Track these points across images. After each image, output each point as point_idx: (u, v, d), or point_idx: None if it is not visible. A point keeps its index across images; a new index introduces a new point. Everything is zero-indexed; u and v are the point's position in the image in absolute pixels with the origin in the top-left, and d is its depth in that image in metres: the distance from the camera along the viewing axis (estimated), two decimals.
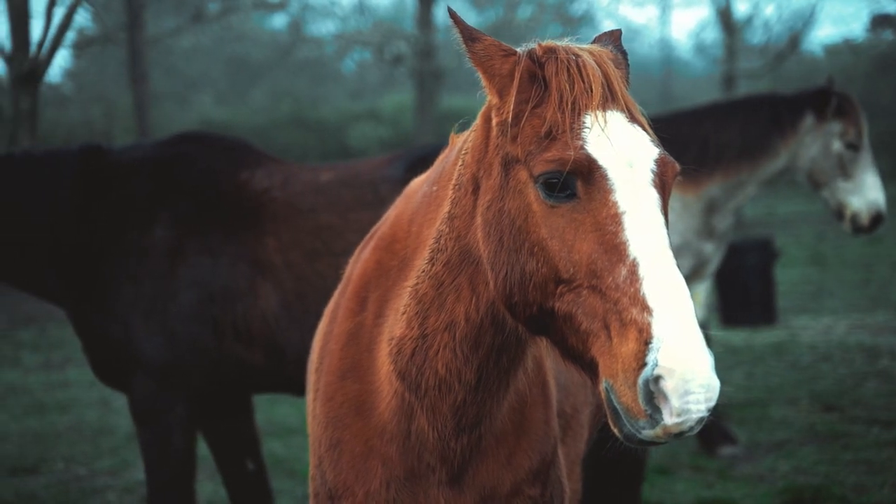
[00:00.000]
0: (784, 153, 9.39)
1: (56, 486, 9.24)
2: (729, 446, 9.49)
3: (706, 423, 8.20)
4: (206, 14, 25.97)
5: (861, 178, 9.21)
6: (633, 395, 2.82)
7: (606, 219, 2.97)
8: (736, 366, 13.29)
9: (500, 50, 3.21)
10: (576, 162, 2.98)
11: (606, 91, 3.10)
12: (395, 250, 3.64)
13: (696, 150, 9.37)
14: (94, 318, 6.73)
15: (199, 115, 36.77)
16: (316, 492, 3.75)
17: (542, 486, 3.64)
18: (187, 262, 6.66)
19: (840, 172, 9.22)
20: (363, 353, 3.64)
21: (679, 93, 46.85)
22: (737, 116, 9.59)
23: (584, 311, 2.96)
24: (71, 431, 11.12)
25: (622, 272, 2.91)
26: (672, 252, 2.96)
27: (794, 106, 9.41)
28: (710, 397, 2.80)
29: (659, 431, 2.83)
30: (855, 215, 9.20)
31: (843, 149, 9.21)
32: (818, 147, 9.28)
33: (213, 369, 6.70)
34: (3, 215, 6.79)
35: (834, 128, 9.23)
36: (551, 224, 3.03)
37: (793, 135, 9.34)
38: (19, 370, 14.62)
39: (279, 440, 9.99)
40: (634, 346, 2.83)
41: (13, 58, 20.42)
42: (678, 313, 2.83)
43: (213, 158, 7.06)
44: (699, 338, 2.81)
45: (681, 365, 2.77)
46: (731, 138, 9.45)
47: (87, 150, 7.02)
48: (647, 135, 3.13)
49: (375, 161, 7.08)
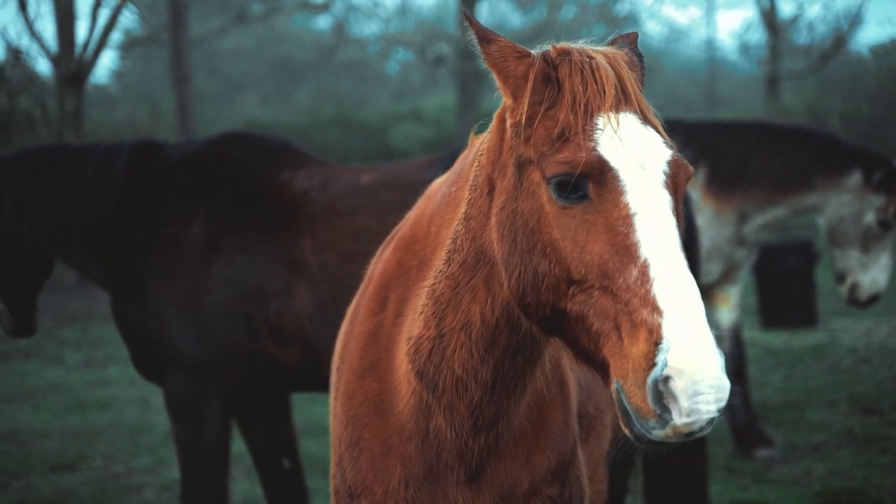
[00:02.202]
0: (818, 196, 9.25)
1: (94, 483, 9.34)
2: (765, 448, 9.44)
3: (744, 425, 8.09)
4: (248, 15, 26.13)
5: (876, 257, 9.15)
6: (643, 396, 2.83)
7: (618, 220, 2.98)
8: (775, 368, 13.22)
9: (514, 51, 3.22)
10: (587, 164, 2.99)
11: (619, 93, 3.11)
12: (415, 250, 3.66)
13: (732, 164, 9.31)
14: (132, 311, 6.84)
15: (243, 115, 36.93)
16: (336, 489, 3.77)
17: (560, 485, 3.64)
18: (222, 260, 6.73)
19: (860, 243, 9.12)
20: (382, 352, 3.66)
21: (723, 94, 46.62)
22: (782, 143, 9.41)
23: (596, 311, 2.98)
24: (110, 429, 11.22)
25: (633, 273, 2.92)
26: (683, 253, 2.97)
27: (847, 157, 9.22)
28: (720, 398, 2.81)
29: (669, 431, 2.84)
30: (856, 287, 9.17)
31: (874, 223, 9.08)
32: (852, 210, 9.13)
33: (247, 366, 6.76)
34: (56, 201, 6.97)
35: (876, 200, 9.06)
36: (563, 225, 3.04)
37: (835, 184, 9.16)
38: (62, 368, 14.76)
39: (316, 439, 10.03)
40: (644, 347, 2.84)
41: (59, 59, 20.71)
42: (688, 314, 2.84)
43: (256, 158, 7.13)
44: (709, 339, 2.82)
45: (690, 366, 2.77)
46: (771, 163, 9.32)
47: (142, 145, 7.18)
48: (660, 136, 3.13)
49: (416, 163, 7.09)
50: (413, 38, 27.84)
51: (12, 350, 16.04)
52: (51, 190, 7.00)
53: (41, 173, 7.04)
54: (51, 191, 7.00)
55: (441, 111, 35.27)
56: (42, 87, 20.92)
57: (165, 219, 6.89)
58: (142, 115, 33.08)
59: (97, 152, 7.12)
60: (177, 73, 24.79)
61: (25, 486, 9.32)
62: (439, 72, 29.49)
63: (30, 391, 13.24)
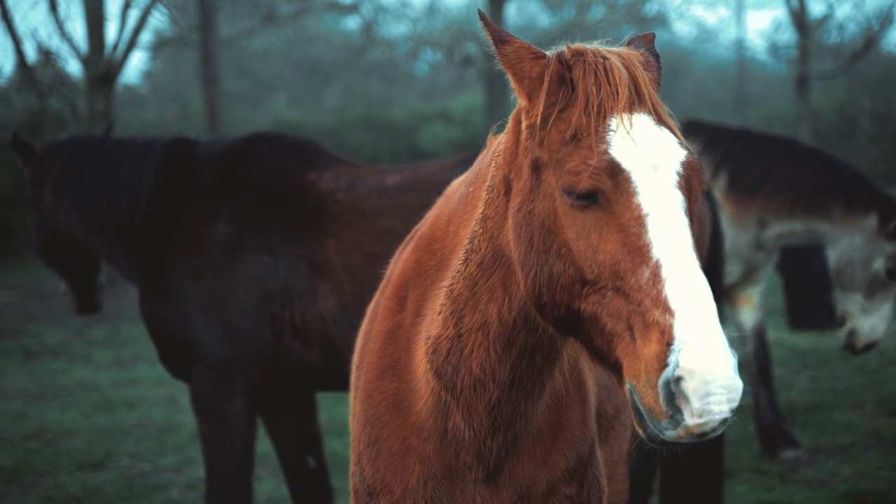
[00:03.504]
0: (831, 228, 9.13)
1: (121, 482, 9.40)
2: (791, 450, 9.40)
3: (770, 426, 8.03)
4: (277, 16, 26.19)
5: (879, 304, 9.07)
6: (655, 396, 2.85)
7: (630, 221, 2.99)
8: (802, 369, 13.17)
9: (530, 52, 3.23)
10: (594, 172, 3.01)
11: (633, 93, 3.11)
12: (434, 250, 3.67)
13: (756, 173, 9.26)
14: (158, 308, 6.91)
15: (272, 116, 37.03)
16: (355, 488, 3.79)
17: (578, 485, 3.65)
18: (247, 259, 6.78)
19: (865, 288, 9.03)
20: (401, 351, 3.68)
21: (753, 94, 46.38)
22: (809, 163, 9.30)
23: (609, 312, 2.99)
24: (137, 428, 11.28)
25: (645, 274, 2.93)
26: (695, 253, 2.97)
27: (868, 198, 9.10)
28: (732, 398, 2.81)
29: (681, 432, 2.85)
30: (854, 332, 9.11)
31: (882, 271, 8.98)
32: (862, 254, 9.02)
33: (271, 365, 6.80)
34: (90, 195, 7.06)
35: (888, 248, 8.94)
36: (577, 226, 3.05)
37: (851, 222, 9.05)
38: (91, 367, 14.84)
39: (341, 439, 10.05)
40: (657, 348, 2.85)
41: (89, 60, 20.82)
42: (700, 315, 2.85)
43: (283, 158, 7.18)
44: (721, 339, 2.83)
45: (701, 366, 2.78)
46: (794, 178, 9.22)
47: (176, 141, 7.27)
48: (674, 137, 3.13)
49: (442, 164, 7.10)
50: (441, 39, 27.82)
51: (42, 349, 16.16)
52: (86, 184, 7.11)
53: (80, 166, 7.16)
54: (86, 184, 7.11)
55: (469, 112, 35.25)
56: (72, 87, 21.01)
57: (192, 217, 6.96)
58: (171, 115, 33.25)
59: (133, 147, 7.23)
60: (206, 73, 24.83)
61: (53, 484, 9.39)
62: (467, 72, 29.46)
63: (59, 390, 13.32)
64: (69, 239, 7.27)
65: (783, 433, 9.47)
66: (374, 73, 43.60)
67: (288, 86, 46.66)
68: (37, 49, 20.41)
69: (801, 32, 23.95)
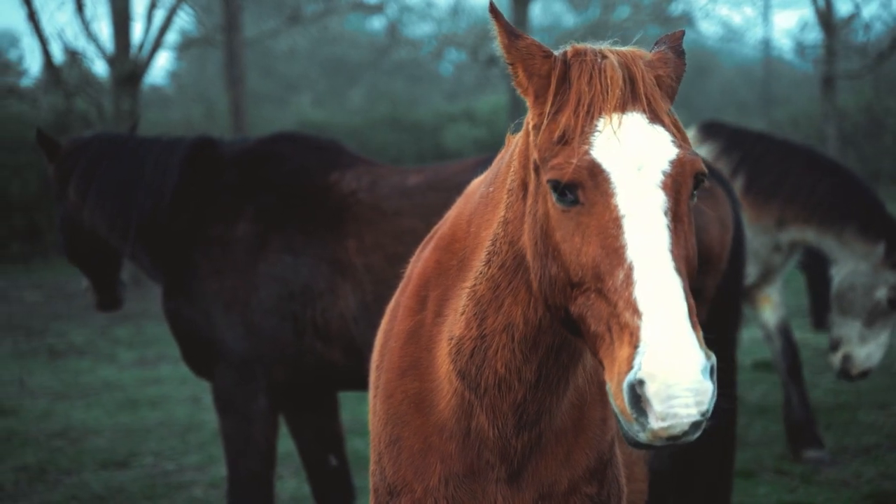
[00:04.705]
0: (839, 248, 9.04)
1: (144, 480, 9.43)
2: (815, 450, 9.36)
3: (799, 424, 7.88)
4: (302, 16, 26.25)
5: (877, 333, 9.01)
6: (623, 399, 2.84)
7: (608, 222, 2.98)
8: (826, 370, 13.04)
9: (540, 50, 3.21)
10: (576, 170, 3.00)
11: (628, 92, 3.08)
12: (455, 250, 3.66)
13: (773, 178, 9.20)
14: (181, 307, 6.94)
15: (297, 115, 37.12)
16: (375, 487, 3.79)
17: (598, 484, 3.65)
18: (269, 259, 6.80)
19: (865, 316, 8.96)
20: (423, 351, 3.67)
21: (779, 93, 46.22)
22: (831, 177, 9.22)
23: (592, 314, 2.99)
24: (161, 427, 11.32)
25: (620, 275, 2.92)
26: (673, 254, 2.94)
27: (881, 225, 8.99)
28: (700, 401, 2.78)
29: (649, 435, 2.83)
30: (849, 358, 9.05)
31: (884, 300, 8.91)
32: (864, 281, 8.95)
33: (293, 364, 6.82)
34: (115, 194, 7.10)
35: (891, 278, 8.88)
36: (564, 228, 3.06)
37: (858, 246, 8.96)
38: (115, 366, 14.90)
39: (364, 438, 10.05)
40: (627, 350, 2.85)
41: (115, 60, 20.93)
42: (665, 317, 2.83)
43: (305, 158, 7.19)
44: (687, 341, 2.80)
45: (662, 369, 2.77)
46: (812, 188, 9.14)
47: (199, 141, 7.29)
48: (668, 135, 3.08)
49: (464, 164, 7.09)
50: (466, 39, 27.84)
51: (68, 348, 16.24)
52: (111, 182, 7.15)
53: (105, 164, 7.19)
54: (111, 183, 7.14)
55: (494, 111, 35.24)
56: (98, 87, 21.14)
57: (215, 216, 6.98)
58: (196, 115, 33.36)
59: (158, 146, 7.26)
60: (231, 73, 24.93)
61: (77, 482, 9.43)
62: (492, 72, 29.45)
63: (83, 389, 13.38)
64: (93, 236, 7.31)
65: (811, 432, 9.42)
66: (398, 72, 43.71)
67: (313, 86, 46.80)
68: (63, 49, 20.57)
69: (828, 32, 23.84)
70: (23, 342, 16.75)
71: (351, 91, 46.07)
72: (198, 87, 41.34)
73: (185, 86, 42.47)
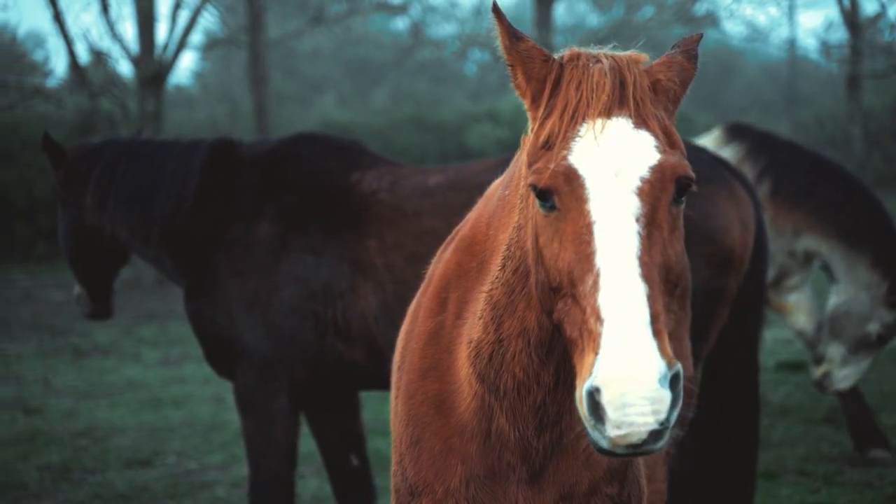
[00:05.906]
0: (848, 270, 8.96)
1: (167, 479, 9.47)
2: (881, 450, 9.28)
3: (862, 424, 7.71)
4: (326, 16, 26.30)
5: (858, 361, 9.01)
6: (584, 406, 2.86)
7: (582, 228, 3.00)
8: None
9: (541, 54, 3.22)
10: (552, 175, 3.02)
11: (615, 98, 3.08)
12: (474, 252, 3.67)
13: (801, 187, 9.11)
14: (203, 307, 6.97)
15: (321, 116, 37.16)
16: (397, 487, 3.80)
17: (619, 484, 3.64)
18: (290, 259, 6.82)
19: (852, 343, 8.94)
20: (443, 353, 3.68)
21: (804, 93, 46.05)
22: (859, 197, 9.14)
23: (569, 319, 3.01)
24: (184, 426, 11.36)
25: (589, 281, 2.94)
26: (641, 261, 2.93)
27: (892, 263, 8.88)
28: (657, 410, 2.78)
29: (609, 443, 2.84)
30: (829, 377, 9.02)
31: (874, 334, 8.88)
32: (860, 311, 8.89)
33: (314, 363, 6.84)
34: (136, 198, 7.13)
35: (886, 316, 8.84)
36: (545, 233, 3.08)
37: (864, 274, 8.89)
38: (139, 366, 14.95)
39: (385, 438, 10.04)
40: (591, 357, 2.87)
41: (140, 60, 21.02)
42: (622, 324, 2.83)
43: (326, 158, 7.20)
44: (643, 349, 2.80)
45: (616, 376, 2.78)
46: (837, 202, 9.10)
47: (220, 142, 7.31)
48: (653, 140, 3.07)
49: (485, 164, 7.08)
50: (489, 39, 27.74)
51: (92, 347, 16.30)
52: (131, 186, 7.16)
53: (123, 168, 7.20)
54: (131, 187, 7.16)
55: (517, 111, 35.15)
56: (123, 88, 21.19)
57: (235, 217, 7.00)
58: (221, 115, 33.45)
59: (177, 149, 7.27)
60: (254, 74, 25.00)
61: (101, 480, 9.48)
62: None
63: (108, 388, 13.44)
64: (110, 240, 7.30)
65: (878, 431, 9.36)
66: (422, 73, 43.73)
67: (336, 86, 46.87)
68: (88, 50, 20.64)
69: (853, 31, 23.73)
70: (48, 341, 16.83)
71: (374, 91, 46.14)
72: (222, 87, 41.48)
73: (209, 86, 42.63)
